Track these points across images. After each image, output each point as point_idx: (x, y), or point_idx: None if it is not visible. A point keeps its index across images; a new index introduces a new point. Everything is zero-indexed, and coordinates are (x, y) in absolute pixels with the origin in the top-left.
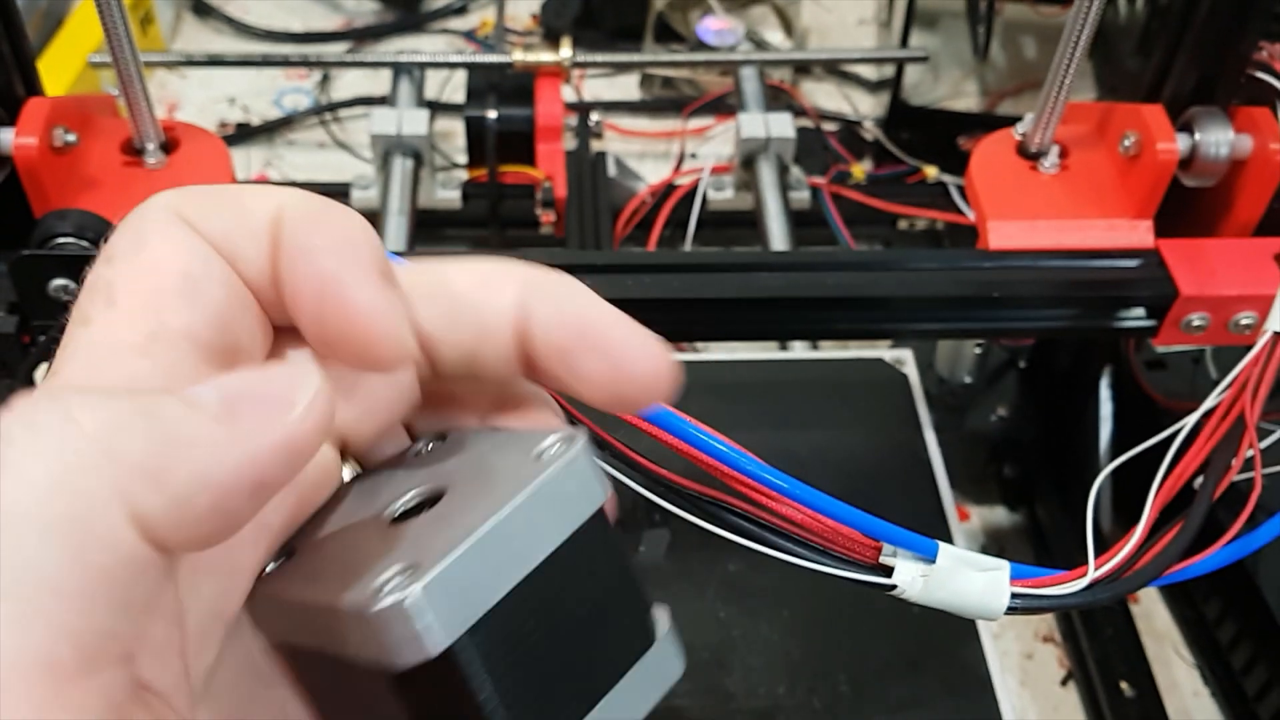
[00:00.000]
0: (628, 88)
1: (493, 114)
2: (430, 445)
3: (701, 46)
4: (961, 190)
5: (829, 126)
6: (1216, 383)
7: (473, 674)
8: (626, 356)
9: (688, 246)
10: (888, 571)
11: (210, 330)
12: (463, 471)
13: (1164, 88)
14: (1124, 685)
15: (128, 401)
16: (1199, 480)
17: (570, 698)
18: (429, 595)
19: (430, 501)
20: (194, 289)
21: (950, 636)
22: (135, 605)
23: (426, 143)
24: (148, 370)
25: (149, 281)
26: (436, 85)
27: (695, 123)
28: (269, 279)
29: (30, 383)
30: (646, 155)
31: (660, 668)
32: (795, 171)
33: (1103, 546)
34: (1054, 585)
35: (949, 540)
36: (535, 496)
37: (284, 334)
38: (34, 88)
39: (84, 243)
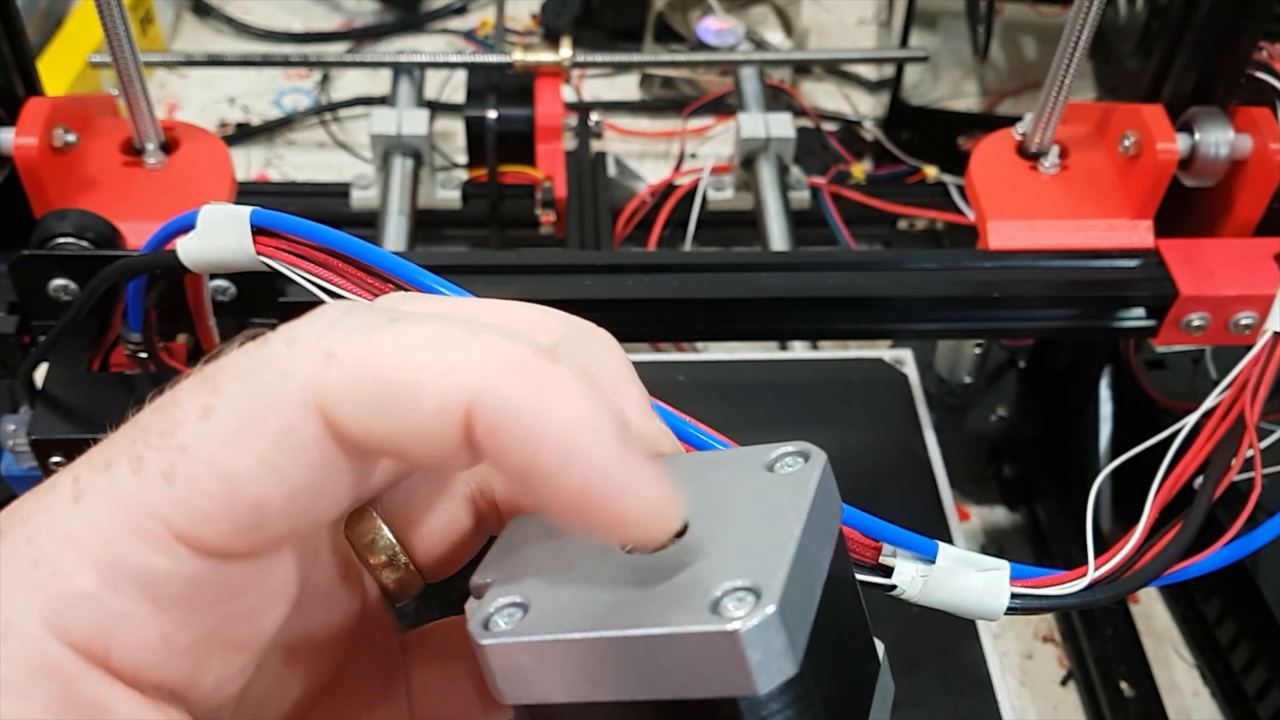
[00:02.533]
0: (628, 88)
1: (493, 114)
2: None
3: (701, 46)
4: (961, 190)
5: (829, 126)
6: (1216, 383)
7: (813, 691)
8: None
9: (688, 246)
10: (887, 572)
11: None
12: (690, 498)
13: (1164, 88)
14: (1124, 685)
15: None
16: (1199, 480)
17: (853, 715)
18: (784, 612)
19: (673, 543)
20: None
21: (950, 636)
22: None
23: (426, 143)
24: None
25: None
26: (436, 85)
27: (695, 123)
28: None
29: (30, 383)
30: (646, 155)
31: (887, 686)
32: (795, 171)
33: (1102, 546)
34: (1054, 585)
35: (949, 540)
36: (814, 509)
37: None
38: (34, 88)
39: (84, 243)
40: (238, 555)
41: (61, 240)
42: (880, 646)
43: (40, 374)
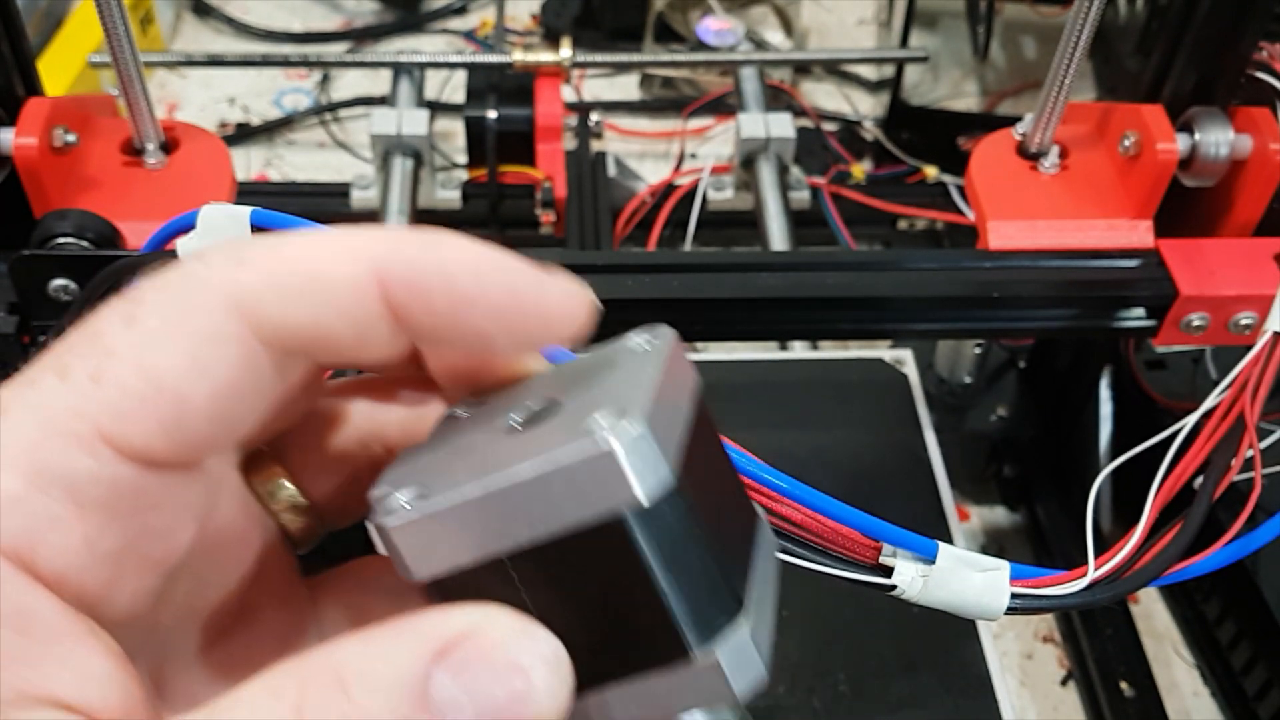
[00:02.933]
0: (628, 88)
1: (493, 114)
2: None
3: (701, 46)
4: (961, 190)
5: (829, 126)
6: (1216, 383)
7: (696, 510)
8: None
9: (688, 246)
10: (888, 572)
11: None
12: (560, 384)
13: (1164, 88)
14: (1124, 685)
15: (388, 708)
16: (1199, 480)
17: (734, 555)
18: (652, 425)
19: (549, 410)
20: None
21: (950, 636)
22: None
23: (426, 143)
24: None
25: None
26: (436, 85)
27: (695, 123)
28: (380, 335)
29: None
30: (646, 155)
31: (769, 543)
32: (795, 171)
33: (1102, 546)
34: (1054, 585)
35: (949, 540)
36: (669, 367)
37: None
38: (34, 88)
39: (84, 243)
40: (159, 460)
41: (61, 240)
42: (760, 509)
43: None
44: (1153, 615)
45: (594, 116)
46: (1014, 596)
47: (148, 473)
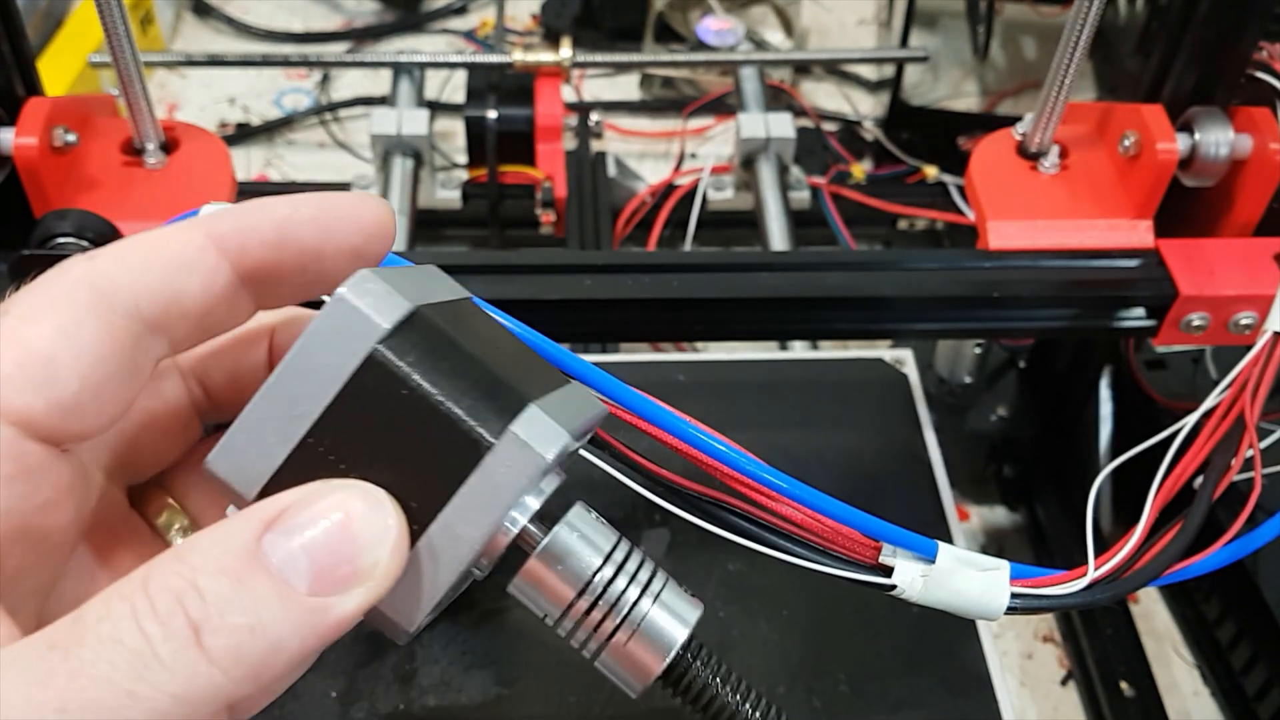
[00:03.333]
0: (628, 88)
1: (493, 114)
2: None
3: (701, 46)
4: (961, 190)
5: (829, 126)
6: (1216, 383)
7: (452, 335)
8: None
9: (688, 246)
10: (888, 571)
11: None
12: None
13: (1164, 88)
14: (1124, 685)
15: (223, 568)
16: (1199, 480)
17: (521, 378)
18: (383, 277)
19: None
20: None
21: (950, 636)
22: None
23: (426, 143)
24: None
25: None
26: (436, 85)
27: (695, 123)
28: (224, 289)
29: None
30: (646, 155)
31: (582, 398)
32: (795, 171)
33: (1102, 546)
34: (1054, 585)
35: (949, 540)
36: (431, 274)
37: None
38: (34, 88)
39: (84, 243)
40: (38, 423)
41: (61, 240)
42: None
43: None
44: (1153, 615)
45: (594, 116)
46: (1014, 596)
47: (28, 439)
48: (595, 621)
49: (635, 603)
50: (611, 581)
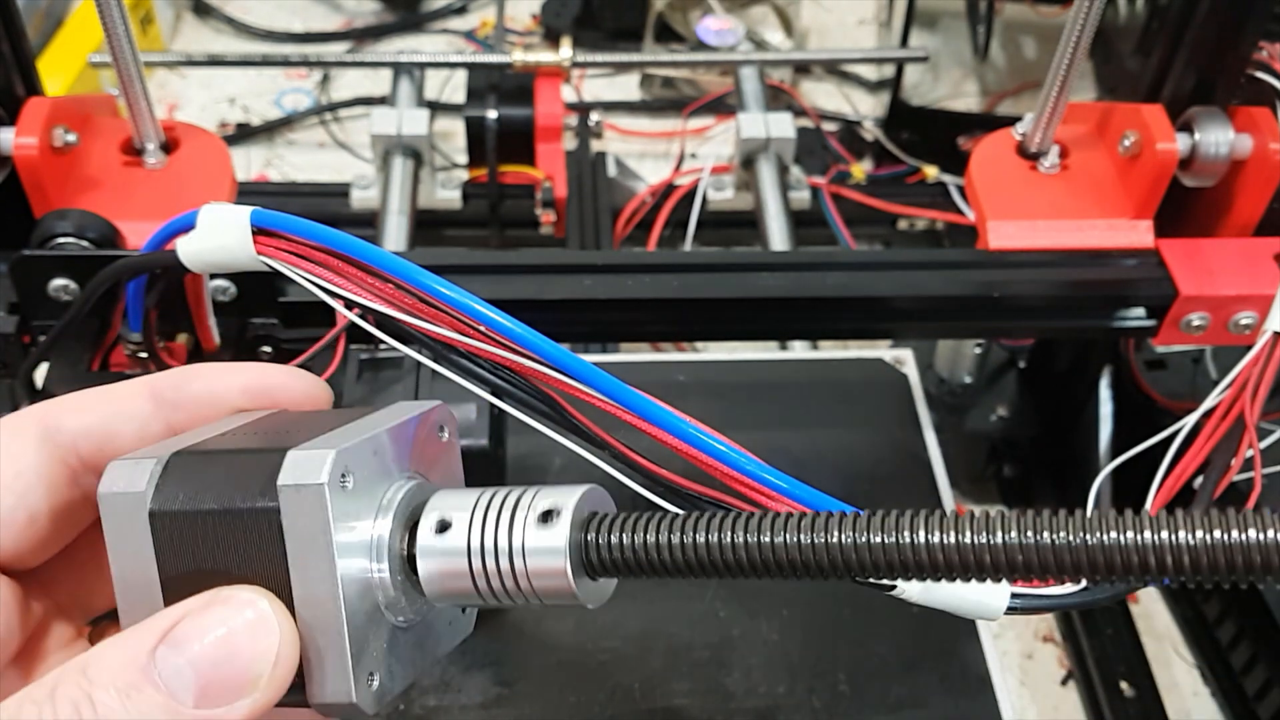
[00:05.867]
0: (628, 88)
1: (493, 114)
2: None
3: (701, 46)
4: (961, 190)
5: (829, 126)
6: (1216, 383)
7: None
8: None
9: (688, 246)
10: None
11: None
12: None
13: (1164, 88)
14: (1124, 685)
15: (116, 682)
16: (1199, 480)
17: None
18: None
19: None
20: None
21: (950, 636)
22: None
23: (426, 143)
24: None
25: None
26: (436, 85)
27: (695, 123)
28: (155, 438)
29: (30, 383)
30: (646, 155)
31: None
32: (795, 171)
33: None
34: (1054, 585)
35: None
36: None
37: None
38: (34, 88)
39: (84, 243)
40: None
41: (62, 240)
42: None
43: (40, 374)
44: (1153, 615)
45: (594, 116)
46: (1014, 596)
47: None
48: (497, 575)
49: (510, 539)
50: (484, 541)
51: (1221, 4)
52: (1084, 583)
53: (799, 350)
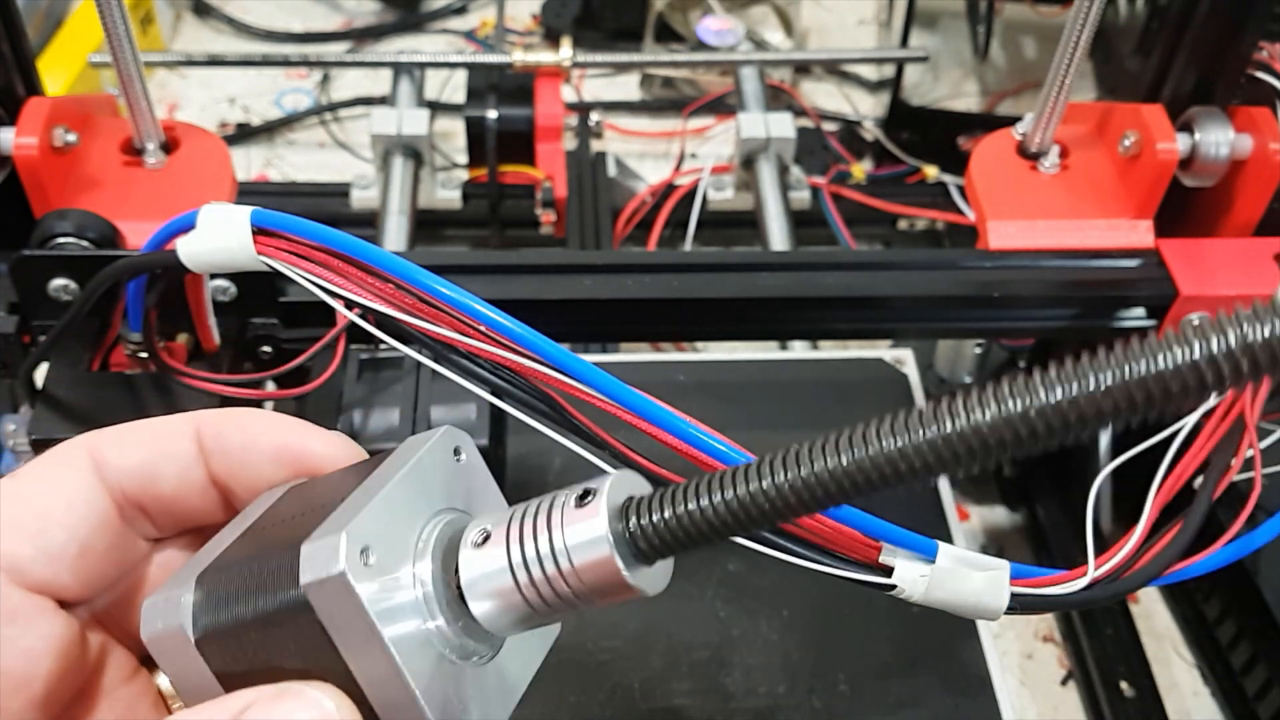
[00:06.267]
0: (628, 88)
1: (493, 114)
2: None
3: (701, 46)
4: (961, 190)
5: (829, 126)
6: None
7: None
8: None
9: (688, 246)
10: (888, 571)
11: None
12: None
13: (1164, 88)
14: (1124, 685)
15: None
16: (1199, 480)
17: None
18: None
19: None
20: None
21: (950, 636)
22: None
23: (426, 143)
24: None
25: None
26: (436, 85)
27: (695, 123)
28: (197, 481)
29: (30, 383)
30: (646, 155)
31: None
32: (795, 171)
33: (1103, 546)
34: (1054, 585)
35: (949, 540)
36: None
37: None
38: (34, 88)
39: (84, 243)
40: (25, 571)
41: (62, 240)
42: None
43: (41, 374)
44: (1153, 615)
45: (594, 116)
46: (1014, 596)
47: (15, 586)
48: (547, 584)
49: (551, 543)
50: (525, 553)
51: (1221, 4)
52: (1086, 580)
53: (799, 350)
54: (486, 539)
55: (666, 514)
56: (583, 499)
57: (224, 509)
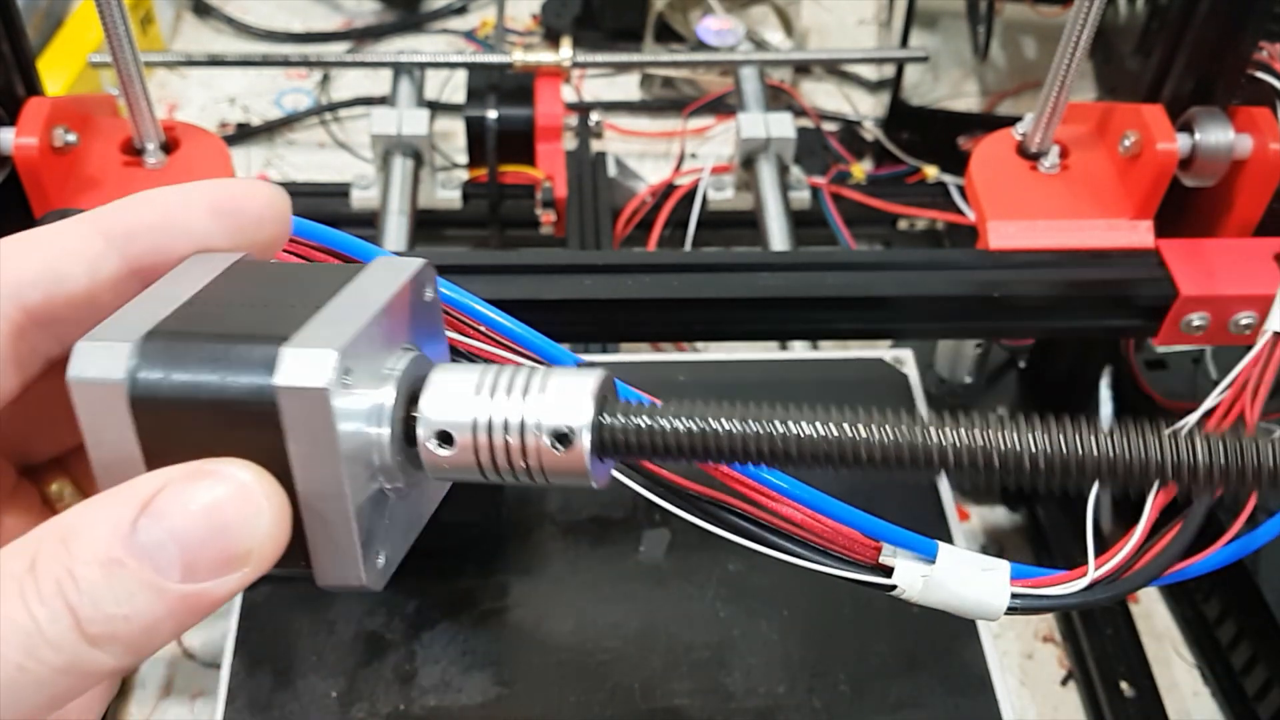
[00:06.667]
0: (628, 88)
1: (493, 114)
2: None
3: (701, 46)
4: (961, 190)
5: (829, 126)
6: (1216, 383)
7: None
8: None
9: (688, 246)
10: (888, 571)
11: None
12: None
13: (1164, 88)
14: (1124, 685)
15: (98, 557)
16: None
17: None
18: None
19: None
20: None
21: (950, 636)
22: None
23: (426, 143)
24: None
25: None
26: (436, 85)
27: (695, 123)
28: (110, 274)
29: None
30: (646, 155)
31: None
32: (795, 171)
33: (1103, 546)
34: (1054, 585)
35: (949, 540)
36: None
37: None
38: (34, 88)
39: None
40: None
41: None
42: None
43: None
44: (1153, 615)
45: (594, 116)
46: (1014, 596)
47: None
48: (505, 449)
49: (524, 412)
50: (493, 412)
51: (1221, 4)
52: (1086, 580)
53: (799, 350)
54: (452, 385)
55: (640, 421)
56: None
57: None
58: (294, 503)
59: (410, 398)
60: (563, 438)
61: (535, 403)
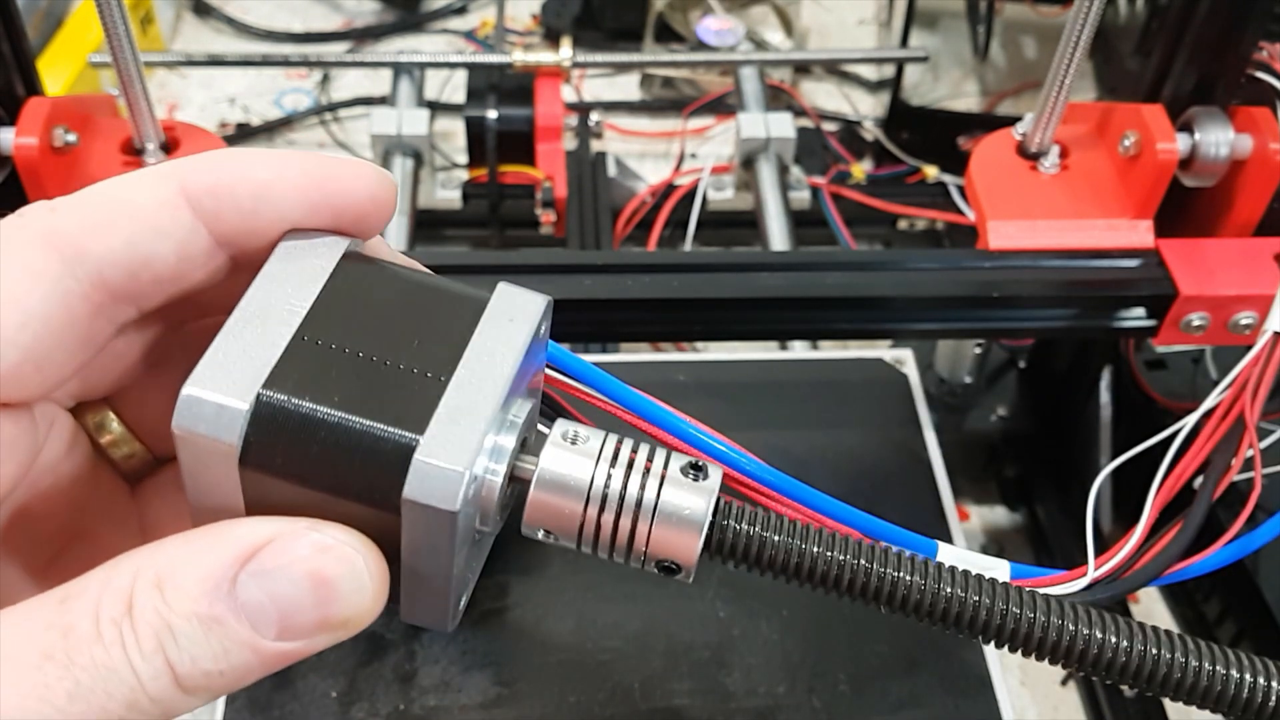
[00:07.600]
0: (628, 88)
1: (493, 114)
2: None
3: (701, 46)
4: (961, 190)
5: (829, 126)
6: (1216, 383)
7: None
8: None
9: (688, 246)
10: None
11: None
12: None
13: (1164, 88)
14: (1124, 685)
15: (198, 612)
16: (1199, 480)
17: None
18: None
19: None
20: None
21: (950, 637)
22: None
23: (426, 143)
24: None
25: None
26: (436, 85)
27: (695, 123)
28: (200, 253)
29: None
30: (646, 155)
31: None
32: (795, 171)
33: (1103, 546)
34: (1054, 585)
35: (949, 540)
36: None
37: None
38: (34, 88)
39: None
40: None
41: None
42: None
43: None
44: (1153, 615)
45: (594, 116)
46: None
47: None
48: (614, 525)
49: (643, 491)
50: (610, 480)
51: (1221, 4)
52: (1086, 580)
53: (799, 350)
54: (574, 441)
55: (754, 529)
56: (693, 472)
57: (230, 270)
58: (395, 563)
59: (523, 443)
60: (678, 522)
61: (653, 486)
